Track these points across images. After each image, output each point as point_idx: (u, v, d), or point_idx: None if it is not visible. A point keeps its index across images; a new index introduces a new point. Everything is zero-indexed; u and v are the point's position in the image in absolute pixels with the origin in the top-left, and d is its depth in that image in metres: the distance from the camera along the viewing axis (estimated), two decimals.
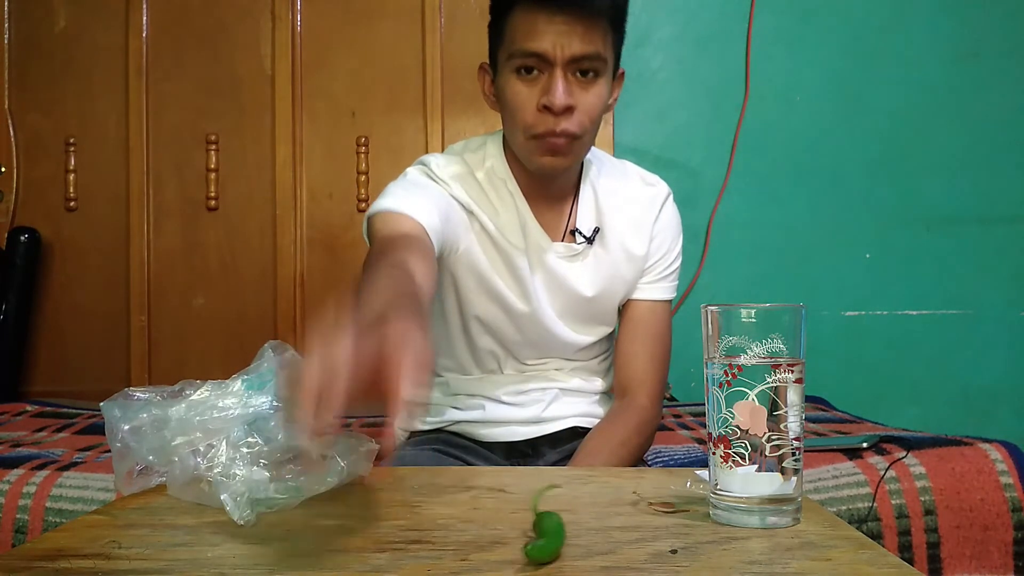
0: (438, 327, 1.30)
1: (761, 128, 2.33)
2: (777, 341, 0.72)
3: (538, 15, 1.11)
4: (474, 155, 1.26)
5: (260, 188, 2.35)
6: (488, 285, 1.24)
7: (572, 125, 1.14)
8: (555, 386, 1.32)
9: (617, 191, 1.30)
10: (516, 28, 1.14)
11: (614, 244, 1.28)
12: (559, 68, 1.12)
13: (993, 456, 1.25)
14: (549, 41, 1.11)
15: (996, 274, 2.34)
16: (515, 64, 1.14)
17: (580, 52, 1.11)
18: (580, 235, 1.26)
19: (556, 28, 1.10)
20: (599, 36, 1.12)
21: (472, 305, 1.26)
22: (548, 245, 1.25)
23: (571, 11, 1.10)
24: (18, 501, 1.27)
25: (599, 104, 1.16)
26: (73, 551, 0.68)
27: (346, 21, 2.35)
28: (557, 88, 1.11)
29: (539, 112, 1.13)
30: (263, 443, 0.84)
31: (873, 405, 2.10)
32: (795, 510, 0.74)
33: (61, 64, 2.41)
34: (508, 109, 1.17)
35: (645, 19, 2.36)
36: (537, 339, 1.29)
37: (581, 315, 1.30)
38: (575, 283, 1.27)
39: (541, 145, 1.16)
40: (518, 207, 1.24)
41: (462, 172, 1.24)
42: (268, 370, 0.89)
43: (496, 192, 1.24)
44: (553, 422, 1.30)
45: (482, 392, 1.31)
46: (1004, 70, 2.34)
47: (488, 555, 0.66)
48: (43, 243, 2.36)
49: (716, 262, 2.30)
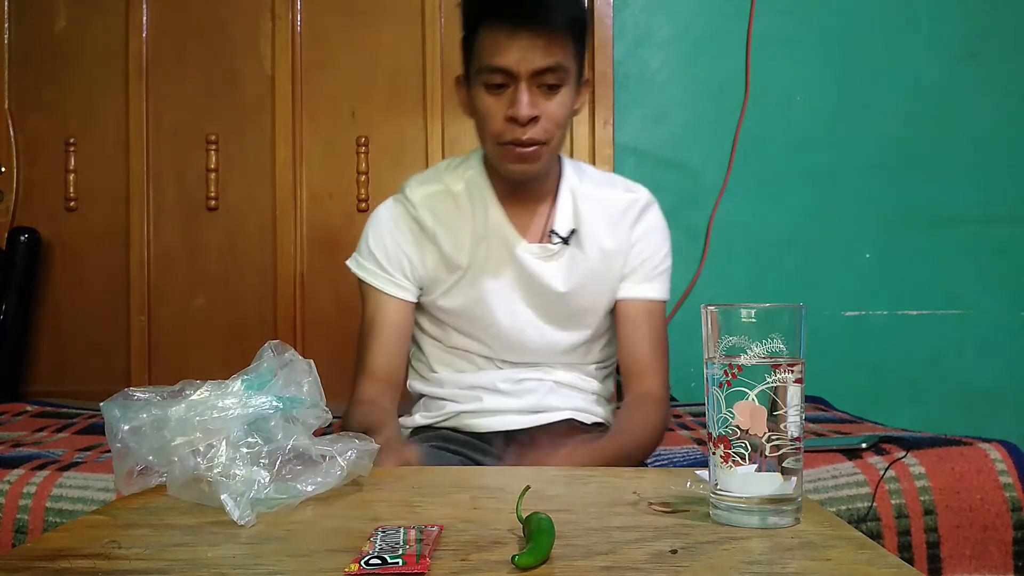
0: (431, 339, 1.40)
1: (761, 128, 2.33)
2: (777, 341, 0.72)
3: (501, 32, 1.20)
4: (454, 172, 1.37)
5: (260, 188, 2.35)
6: (457, 307, 1.35)
7: (538, 133, 1.23)
8: (550, 379, 1.37)
9: (597, 196, 1.36)
10: (483, 45, 1.23)
11: (590, 244, 1.34)
12: (523, 81, 1.20)
13: (993, 456, 1.25)
14: (513, 57, 1.20)
15: (996, 274, 2.34)
16: (483, 79, 1.23)
17: (542, 65, 1.20)
18: (556, 236, 1.32)
19: (519, 44, 1.19)
20: (560, 49, 1.21)
21: (450, 327, 1.37)
22: (520, 246, 1.32)
23: (532, 28, 1.19)
24: (18, 501, 1.27)
25: (563, 112, 1.25)
26: (73, 551, 0.68)
27: (346, 21, 2.35)
28: (522, 101, 1.20)
29: (507, 122, 1.22)
30: (263, 443, 0.84)
31: (873, 405, 2.10)
32: (795, 510, 0.74)
33: (61, 64, 2.40)
34: (480, 120, 1.27)
35: (645, 19, 2.36)
36: (517, 343, 1.35)
37: (558, 313, 1.35)
38: (549, 280, 1.33)
39: (509, 153, 1.25)
40: (490, 212, 1.33)
41: (435, 191, 1.35)
42: (268, 370, 0.89)
43: (473, 199, 1.34)
44: (550, 412, 1.34)
45: (479, 384, 1.36)
46: (1004, 70, 2.34)
47: (488, 555, 0.66)
48: (43, 243, 2.36)
49: (716, 262, 2.30)
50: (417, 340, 1.42)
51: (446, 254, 1.33)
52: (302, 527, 0.76)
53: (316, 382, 0.90)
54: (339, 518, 0.79)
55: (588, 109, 2.30)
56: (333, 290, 2.30)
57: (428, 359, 1.41)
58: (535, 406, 1.34)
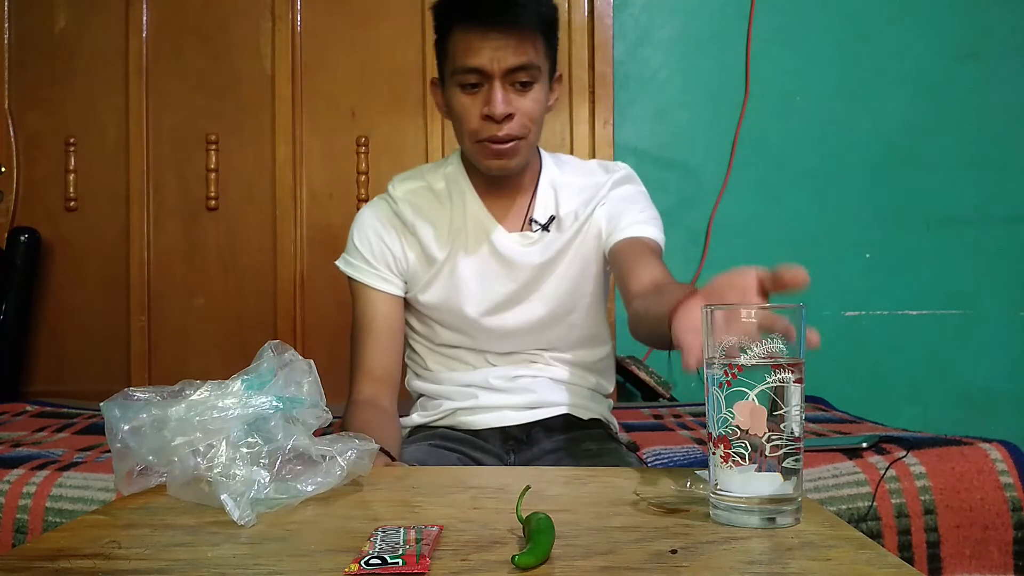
0: (422, 337, 1.41)
1: (761, 128, 2.33)
2: (777, 341, 0.72)
3: (473, 34, 1.23)
4: (435, 171, 1.40)
5: (260, 188, 2.35)
6: (436, 301, 1.35)
7: (514, 129, 1.26)
8: (545, 375, 1.37)
9: (575, 182, 1.38)
10: (456, 47, 1.26)
11: (569, 221, 1.35)
12: (497, 80, 1.24)
13: (993, 456, 1.25)
14: (486, 57, 1.23)
15: (996, 274, 2.34)
16: (458, 79, 1.26)
17: (514, 64, 1.23)
18: (536, 224, 1.35)
19: (491, 44, 1.23)
20: (531, 47, 1.24)
21: (434, 323, 1.38)
22: (498, 234, 1.34)
23: (503, 28, 1.22)
24: (18, 501, 1.27)
25: (537, 108, 1.28)
26: (73, 551, 0.68)
27: (346, 21, 2.35)
28: (496, 99, 1.24)
29: (482, 120, 1.26)
30: (263, 443, 0.84)
31: (873, 405, 2.10)
32: (795, 510, 0.74)
33: (61, 64, 2.40)
34: (456, 119, 1.30)
35: (645, 19, 2.36)
36: (498, 328, 1.35)
37: (534, 289, 1.35)
38: (525, 258, 1.34)
39: (487, 150, 1.28)
40: (468, 205, 1.35)
41: (416, 187, 1.39)
42: (268, 370, 0.89)
43: (452, 194, 1.37)
44: (546, 408, 1.35)
45: (473, 382, 1.37)
46: (1004, 70, 2.34)
47: (488, 555, 0.66)
48: (43, 243, 2.36)
49: (716, 262, 2.30)
50: (409, 342, 1.42)
51: (425, 247, 1.35)
52: (302, 527, 0.76)
53: (316, 382, 0.90)
54: (339, 518, 0.79)
55: (588, 109, 2.31)
56: (333, 290, 2.30)
57: (423, 359, 1.41)
58: (531, 402, 1.35)
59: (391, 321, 1.37)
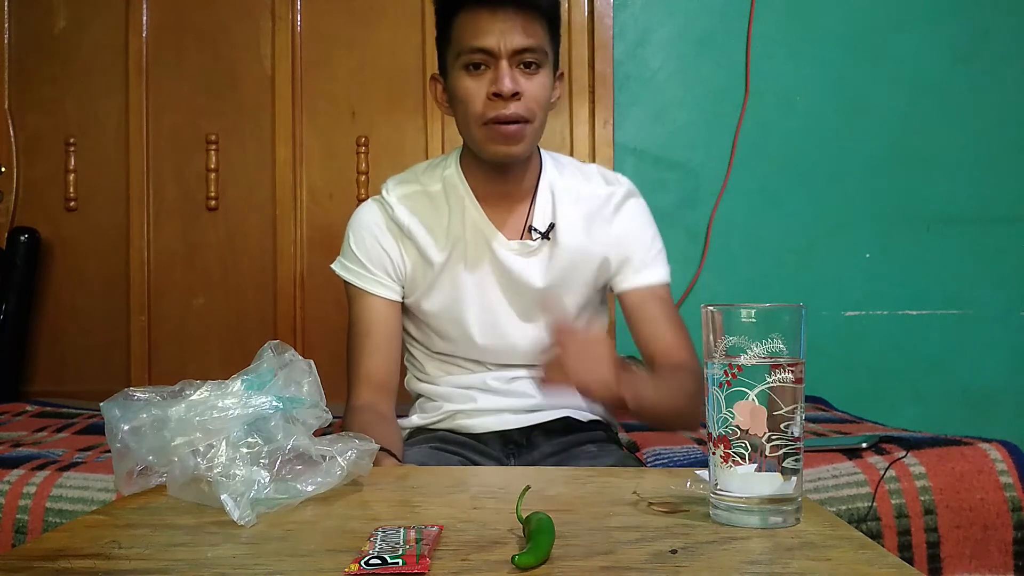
0: (419, 344, 1.41)
1: (761, 128, 2.33)
2: (777, 341, 0.72)
3: (481, 14, 1.23)
4: (431, 172, 1.38)
5: (260, 188, 2.35)
6: (436, 309, 1.34)
7: (521, 109, 1.24)
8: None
9: (574, 189, 1.37)
10: (463, 29, 1.25)
11: (568, 239, 1.34)
12: (504, 60, 1.23)
13: (993, 456, 1.25)
14: (493, 37, 1.22)
15: (996, 274, 2.33)
16: (464, 61, 1.25)
17: (522, 44, 1.23)
18: (536, 232, 1.33)
19: (499, 24, 1.22)
20: (538, 30, 1.25)
21: (432, 332, 1.37)
22: (498, 242, 1.32)
23: (511, 8, 1.23)
24: (18, 501, 1.27)
25: (544, 93, 1.27)
26: (73, 551, 0.68)
27: (346, 21, 2.35)
28: (504, 76, 1.22)
29: (489, 100, 1.24)
30: (263, 443, 0.84)
31: (873, 405, 2.10)
32: (795, 510, 0.74)
33: (61, 64, 2.40)
34: (461, 104, 1.27)
35: (645, 19, 2.36)
36: (498, 343, 1.34)
37: (536, 310, 1.34)
38: (528, 276, 1.33)
39: (493, 133, 1.25)
40: (467, 211, 1.33)
41: (412, 191, 1.37)
42: (268, 370, 0.89)
43: (450, 198, 1.35)
44: (545, 411, 1.34)
45: (471, 384, 1.36)
46: (1004, 70, 2.34)
47: (488, 555, 0.66)
48: (43, 243, 2.36)
49: (716, 262, 2.30)
50: (407, 345, 1.42)
51: (423, 252, 1.33)
52: (302, 527, 0.76)
53: (316, 382, 0.90)
54: (339, 518, 0.79)
55: (588, 109, 2.31)
56: (333, 290, 2.29)
57: (420, 363, 1.41)
58: (531, 405, 1.34)
59: (389, 326, 1.35)
